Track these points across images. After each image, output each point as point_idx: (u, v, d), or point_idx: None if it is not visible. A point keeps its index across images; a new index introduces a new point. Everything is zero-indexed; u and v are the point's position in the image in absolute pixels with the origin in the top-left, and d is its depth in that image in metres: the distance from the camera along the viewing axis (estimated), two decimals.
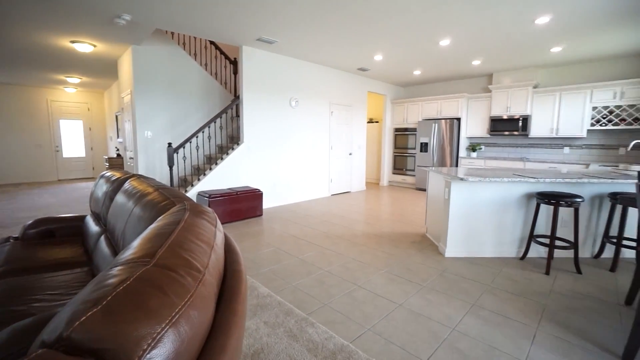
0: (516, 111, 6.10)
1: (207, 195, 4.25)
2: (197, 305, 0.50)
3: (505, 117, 6.24)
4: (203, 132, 4.60)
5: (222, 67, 6.20)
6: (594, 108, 5.33)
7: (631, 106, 5.00)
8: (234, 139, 5.74)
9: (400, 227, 4.29)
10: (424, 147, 7.16)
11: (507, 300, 2.33)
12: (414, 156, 7.53)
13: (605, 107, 5.23)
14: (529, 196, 3.15)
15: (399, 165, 7.93)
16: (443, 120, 6.81)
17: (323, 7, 3.44)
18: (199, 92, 5.53)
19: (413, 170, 7.60)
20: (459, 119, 6.83)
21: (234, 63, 5.85)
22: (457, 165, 6.83)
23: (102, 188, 2.24)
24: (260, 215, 4.83)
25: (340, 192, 6.95)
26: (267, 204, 5.43)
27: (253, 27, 4.09)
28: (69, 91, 8.65)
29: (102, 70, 6.40)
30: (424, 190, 7.26)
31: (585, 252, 3.26)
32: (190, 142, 4.57)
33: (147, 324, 0.43)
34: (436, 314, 2.14)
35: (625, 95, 5.02)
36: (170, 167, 4.42)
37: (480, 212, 3.15)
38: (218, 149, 5.69)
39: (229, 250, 0.96)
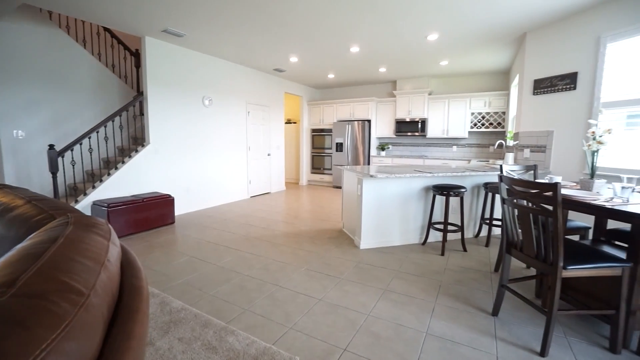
0: (416, 114, 6.94)
1: (105, 204, 3.69)
2: (76, 335, 0.43)
3: (407, 119, 7.04)
4: (98, 132, 3.97)
5: (121, 58, 5.44)
6: (472, 113, 6.43)
7: (496, 113, 6.19)
8: (137, 140, 5.12)
9: (319, 224, 4.46)
10: (340, 147, 7.58)
11: (412, 282, 2.65)
12: (331, 156, 7.90)
13: (480, 113, 6.36)
14: (427, 189, 3.62)
15: (317, 165, 8.23)
16: (356, 122, 7.31)
17: (232, 2, 3.33)
18: (91, 85, 4.75)
19: (330, 169, 7.97)
20: (369, 121, 7.43)
21: (136, 55, 5.20)
22: (369, 164, 7.42)
23: None
24: (172, 222, 4.42)
25: (260, 194, 6.84)
26: (180, 210, 5.00)
27: (158, 17, 3.71)
28: None
29: None
30: (341, 187, 7.69)
31: (469, 233, 3.92)
32: (81, 144, 3.90)
33: None
34: (353, 303, 2.29)
35: (492, 104, 6.20)
36: (54, 173, 3.69)
37: (388, 205, 3.49)
38: (118, 151, 5.00)
39: (127, 265, 0.85)
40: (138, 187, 4.41)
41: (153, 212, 4.14)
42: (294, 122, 8.83)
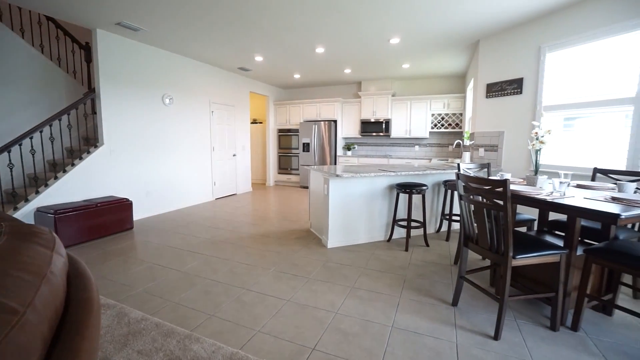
0: (380, 115, 7.14)
1: (51, 211, 3.39)
2: (7, 359, 0.40)
3: (372, 120, 7.22)
4: (42, 131, 3.62)
5: (69, 51, 5.01)
6: (432, 114, 6.75)
7: (454, 114, 6.55)
8: (89, 141, 4.76)
9: (286, 225, 4.44)
10: (306, 147, 7.59)
11: (378, 278, 2.72)
12: (298, 156, 7.89)
13: (439, 114, 6.69)
14: (391, 187, 3.74)
15: (284, 165, 8.18)
16: (322, 122, 7.37)
17: None
18: (33, 80, 4.32)
19: (297, 169, 7.96)
20: (335, 121, 7.52)
21: (86, 48, 4.81)
22: (335, 163, 7.51)
23: None
24: (131, 228, 4.17)
25: (226, 195, 6.67)
26: (139, 214, 4.73)
27: (110, 8, 3.47)
28: None
29: None
30: (308, 187, 7.70)
31: (431, 229, 4.11)
32: (21, 145, 3.53)
33: None
34: (321, 303, 2.31)
35: (450, 106, 6.55)
36: None
37: (354, 204, 3.56)
38: (67, 152, 4.61)
39: (76, 277, 0.79)
40: (91, 191, 4.10)
41: (108, 217, 3.87)
42: (260, 122, 8.70)
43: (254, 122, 8.70)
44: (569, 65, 3.42)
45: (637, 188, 2.17)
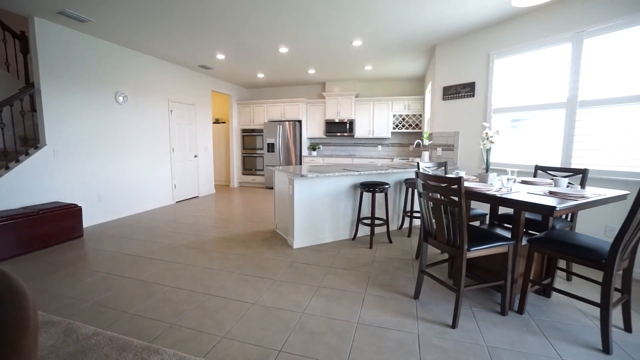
0: (345, 116, 7.26)
1: None
2: None
3: (337, 120, 7.31)
4: None
5: (0, 40, 4.50)
6: (394, 115, 6.99)
7: (414, 115, 6.85)
8: (28, 141, 4.30)
9: (252, 226, 4.36)
10: (271, 147, 7.51)
11: (343, 276, 2.77)
12: (262, 156, 7.78)
13: (400, 115, 6.95)
14: (355, 186, 3.82)
15: (249, 166, 8.02)
16: (287, 122, 7.33)
17: None
18: None
19: (262, 170, 7.85)
20: (300, 121, 7.51)
21: (21, 38, 4.34)
22: (301, 164, 7.52)
23: None
24: (80, 236, 3.84)
25: (187, 198, 6.39)
26: (90, 221, 4.37)
27: None
28: None
29: None
30: (273, 188, 7.63)
31: (393, 226, 4.26)
32: None
33: None
34: (287, 304, 2.30)
35: (410, 107, 6.83)
36: None
37: (320, 204, 3.59)
38: (0, 154, 4.13)
39: (8, 294, 0.72)
40: (32, 197, 3.72)
41: (53, 225, 3.54)
42: (223, 122, 8.45)
43: (217, 121, 8.43)
44: (515, 71, 3.72)
45: (569, 183, 2.42)
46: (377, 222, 3.98)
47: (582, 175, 2.66)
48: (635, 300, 2.38)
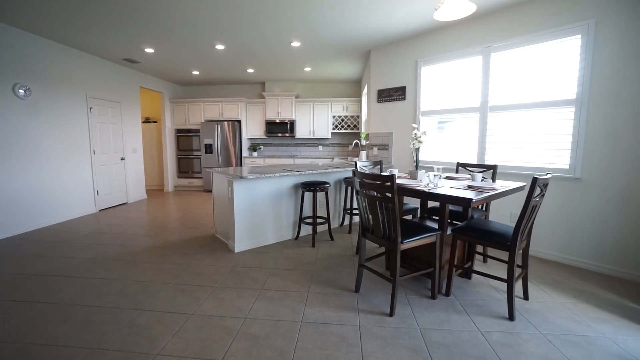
0: (285, 116, 7.24)
1: None
2: None
3: (277, 120, 7.26)
4: None
5: None
6: (334, 116, 7.20)
7: (352, 116, 7.14)
8: None
9: (189, 232, 4.10)
10: (209, 148, 7.16)
11: (287, 277, 2.76)
12: (200, 158, 7.37)
13: (340, 116, 7.18)
14: (296, 186, 3.83)
15: (185, 168, 7.53)
16: (225, 122, 7.05)
17: None
18: None
19: (200, 172, 7.44)
20: (239, 121, 7.29)
21: None
22: (241, 165, 7.30)
23: None
24: None
25: (113, 205, 5.75)
26: None
27: None
28: None
29: None
30: (212, 191, 7.29)
31: (335, 224, 4.38)
32: None
33: None
34: (229, 310, 2.21)
35: (349, 108, 7.11)
36: None
37: (261, 205, 3.52)
38: None
39: None
40: None
41: None
42: (155, 122, 7.79)
43: (147, 120, 7.73)
44: (440, 77, 4.11)
45: (483, 177, 2.75)
46: (319, 220, 4.05)
47: (492, 171, 3.05)
48: (530, 273, 2.83)
